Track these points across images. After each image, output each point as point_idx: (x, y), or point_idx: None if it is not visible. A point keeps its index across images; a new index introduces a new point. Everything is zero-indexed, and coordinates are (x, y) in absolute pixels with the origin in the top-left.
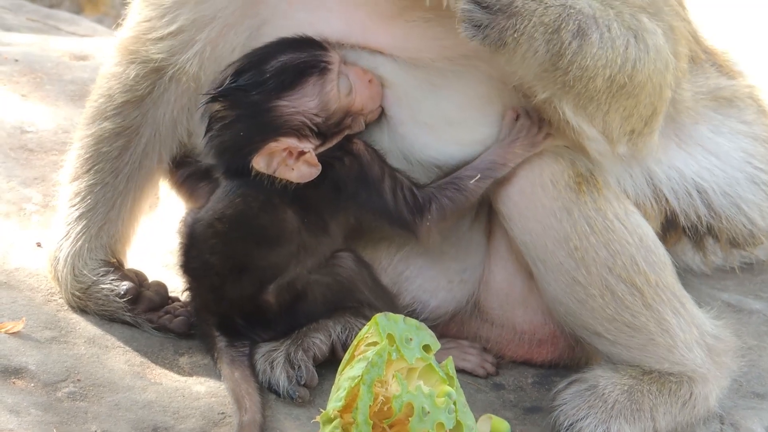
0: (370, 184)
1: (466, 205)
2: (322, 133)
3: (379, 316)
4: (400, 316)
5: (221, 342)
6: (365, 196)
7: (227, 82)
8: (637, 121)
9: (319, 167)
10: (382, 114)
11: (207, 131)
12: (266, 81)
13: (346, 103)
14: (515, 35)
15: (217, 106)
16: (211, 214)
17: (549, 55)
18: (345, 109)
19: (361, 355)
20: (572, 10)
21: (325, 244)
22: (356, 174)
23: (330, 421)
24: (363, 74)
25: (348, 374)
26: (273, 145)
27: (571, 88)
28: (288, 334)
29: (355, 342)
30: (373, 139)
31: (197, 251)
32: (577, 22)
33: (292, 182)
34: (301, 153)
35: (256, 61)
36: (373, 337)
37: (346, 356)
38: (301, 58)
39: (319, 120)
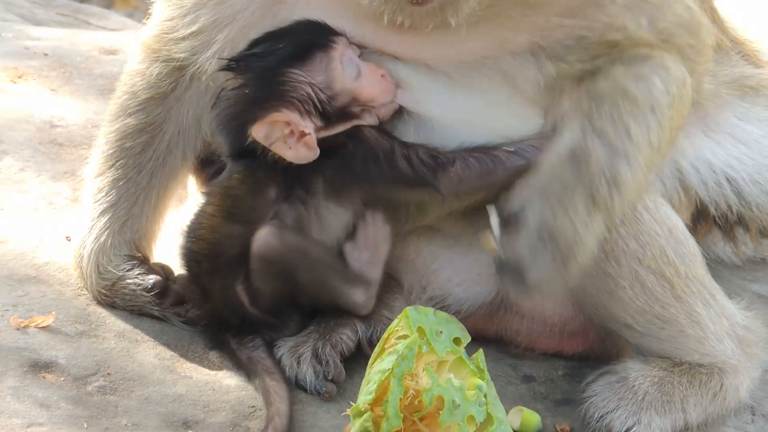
0: (380, 157)
1: (492, 175)
2: (326, 115)
3: (409, 309)
4: (430, 309)
5: (233, 343)
6: (376, 171)
7: (243, 51)
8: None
9: (317, 152)
10: (405, 113)
11: (214, 107)
12: (280, 49)
13: (353, 87)
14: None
15: (228, 77)
16: (204, 200)
17: None
18: (351, 94)
19: (392, 348)
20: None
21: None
22: (363, 154)
23: (360, 414)
24: (375, 68)
25: (378, 367)
26: (276, 116)
27: None
28: (283, 325)
29: (385, 335)
30: (398, 133)
31: (186, 244)
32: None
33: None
34: (303, 134)
35: (271, 34)
36: (404, 330)
37: (377, 349)
38: (310, 35)
39: (323, 96)
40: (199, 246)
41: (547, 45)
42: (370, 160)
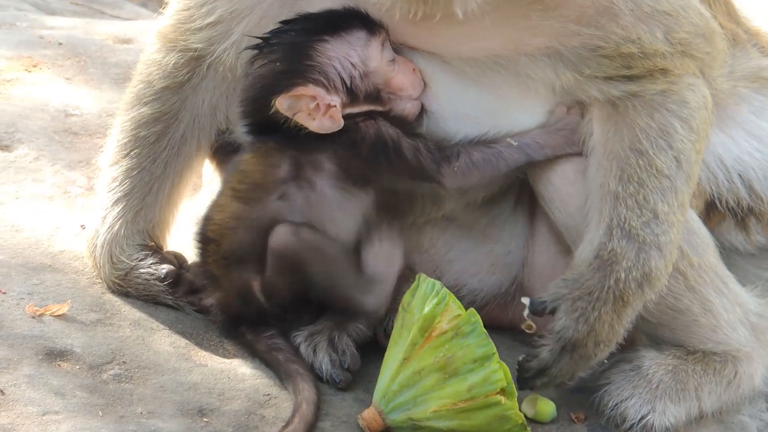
0: (388, 145)
1: (495, 171)
2: (353, 91)
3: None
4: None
5: (248, 335)
6: (384, 159)
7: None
8: None
9: (341, 123)
10: (422, 110)
11: (243, 82)
12: (315, 23)
13: (387, 71)
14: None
15: (256, 56)
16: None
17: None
18: (384, 77)
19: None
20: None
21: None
22: (372, 140)
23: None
24: (408, 62)
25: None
26: (301, 89)
27: None
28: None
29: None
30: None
31: (199, 227)
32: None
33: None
34: (329, 107)
35: (308, 14)
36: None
37: (395, 333)
38: (354, 13)
39: (355, 74)
40: (208, 228)
41: (563, 51)
42: (379, 148)
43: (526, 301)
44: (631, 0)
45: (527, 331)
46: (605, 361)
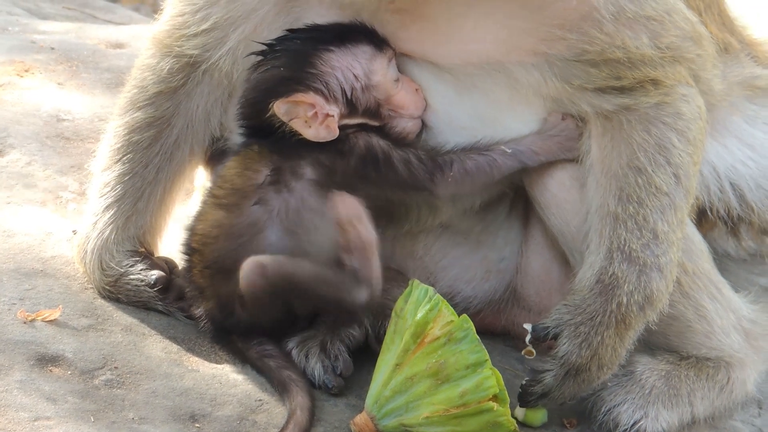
0: (379, 158)
1: (488, 178)
2: (353, 105)
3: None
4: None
5: (239, 343)
6: (374, 172)
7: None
8: None
9: (337, 134)
10: (422, 127)
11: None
12: (322, 33)
13: (390, 87)
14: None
15: (260, 61)
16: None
17: None
18: (386, 93)
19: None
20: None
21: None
22: (361, 153)
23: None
24: (411, 82)
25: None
26: (301, 96)
27: None
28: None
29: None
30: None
31: (185, 237)
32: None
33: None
34: (327, 116)
35: (317, 25)
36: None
37: (388, 339)
38: (361, 28)
39: (357, 86)
40: (192, 238)
41: (551, 57)
42: (368, 160)
43: (528, 327)
44: (614, 5)
45: (527, 357)
46: (608, 383)
